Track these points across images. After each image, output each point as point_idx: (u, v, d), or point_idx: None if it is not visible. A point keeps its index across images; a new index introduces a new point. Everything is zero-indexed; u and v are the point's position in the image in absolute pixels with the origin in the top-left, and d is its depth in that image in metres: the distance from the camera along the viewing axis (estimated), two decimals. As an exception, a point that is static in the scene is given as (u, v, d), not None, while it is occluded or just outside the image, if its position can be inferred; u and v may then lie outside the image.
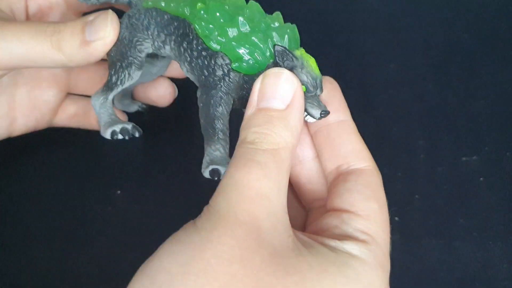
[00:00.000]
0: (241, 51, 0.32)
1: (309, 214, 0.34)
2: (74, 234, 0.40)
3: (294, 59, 0.31)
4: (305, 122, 0.32)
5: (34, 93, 0.42)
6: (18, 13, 0.40)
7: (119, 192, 0.42)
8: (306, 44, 0.33)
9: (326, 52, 0.51)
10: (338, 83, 0.34)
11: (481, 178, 0.43)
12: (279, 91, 0.30)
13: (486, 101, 0.48)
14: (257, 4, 0.34)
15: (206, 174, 0.33)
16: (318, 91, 0.32)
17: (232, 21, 0.33)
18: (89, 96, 0.40)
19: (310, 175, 0.34)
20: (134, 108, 0.44)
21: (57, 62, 0.36)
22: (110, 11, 0.37)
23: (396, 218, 0.41)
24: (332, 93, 0.33)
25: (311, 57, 0.32)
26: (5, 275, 0.38)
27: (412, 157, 0.45)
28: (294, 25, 0.33)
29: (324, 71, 0.31)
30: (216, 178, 0.32)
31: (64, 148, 0.38)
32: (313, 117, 0.32)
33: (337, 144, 0.32)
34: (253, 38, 0.32)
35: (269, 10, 0.34)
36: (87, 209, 0.41)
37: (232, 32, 0.32)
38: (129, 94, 0.44)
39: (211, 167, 0.32)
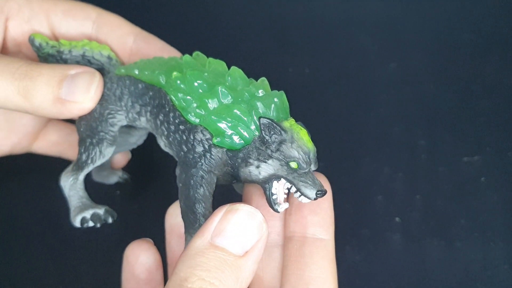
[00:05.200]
0: (223, 125, 0.28)
1: None
2: (73, 234, 0.40)
3: (282, 132, 0.27)
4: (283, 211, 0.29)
5: (11, 116, 0.37)
6: None
7: (118, 192, 0.42)
8: (307, 44, 0.32)
9: (326, 52, 0.51)
10: (339, 83, 0.32)
11: (483, 178, 0.43)
12: (244, 234, 0.25)
13: (487, 101, 0.48)
14: (240, 70, 0.30)
15: None
16: (312, 167, 0.28)
17: (212, 91, 0.29)
18: (74, 123, 0.35)
19: None
20: (113, 179, 0.41)
21: (20, 109, 0.32)
22: (97, 72, 0.32)
23: (397, 219, 0.41)
24: (320, 202, 0.29)
25: (302, 128, 0.28)
26: (5, 275, 0.38)
27: (413, 157, 0.44)
28: (281, 92, 0.29)
29: (324, 71, 0.29)
30: None
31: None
32: (308, 198, 0.28)
33: (304, 264, 0.28)
34: (235, 110, 0.28)
35: (268, 11, 0.32)
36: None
37: (212, 103, 0.29)
38: (108, 165, 0.41)
39: None
